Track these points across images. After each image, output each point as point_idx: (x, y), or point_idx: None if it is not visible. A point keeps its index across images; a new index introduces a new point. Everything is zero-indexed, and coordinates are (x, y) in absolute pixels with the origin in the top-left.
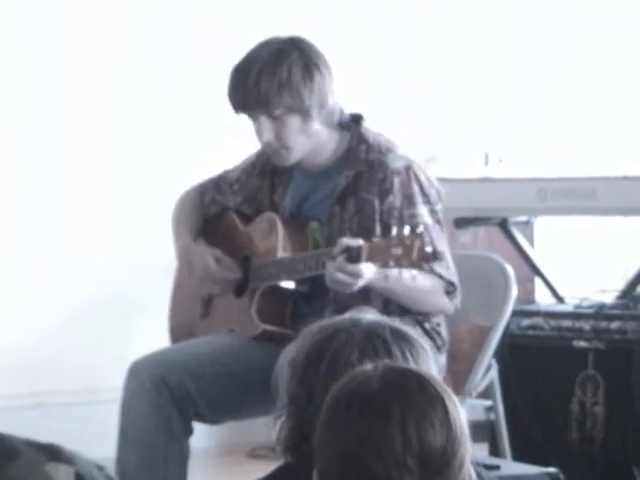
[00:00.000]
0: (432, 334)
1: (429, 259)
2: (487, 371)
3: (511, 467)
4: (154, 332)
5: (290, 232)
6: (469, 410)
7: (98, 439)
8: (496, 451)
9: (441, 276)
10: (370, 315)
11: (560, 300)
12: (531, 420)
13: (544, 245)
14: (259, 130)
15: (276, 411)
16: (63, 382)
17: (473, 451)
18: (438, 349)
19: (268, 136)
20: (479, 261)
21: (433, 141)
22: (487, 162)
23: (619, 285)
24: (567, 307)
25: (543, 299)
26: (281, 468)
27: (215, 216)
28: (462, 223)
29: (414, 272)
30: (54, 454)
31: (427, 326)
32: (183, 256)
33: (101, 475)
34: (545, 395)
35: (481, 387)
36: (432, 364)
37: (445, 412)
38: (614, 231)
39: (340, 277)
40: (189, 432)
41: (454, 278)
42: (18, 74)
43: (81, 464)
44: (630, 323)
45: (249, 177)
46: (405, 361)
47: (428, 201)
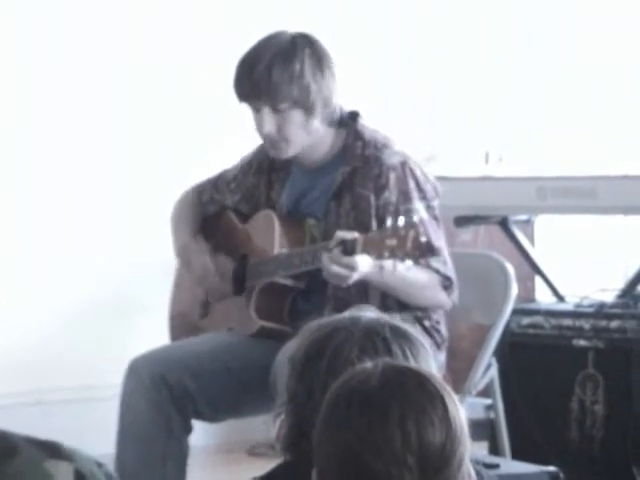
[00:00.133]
0: (431, 332)
1: (424, 250)
2: (487, 369)
3: (511, 466)
4: (154, 331)
5: (287, 229)
6: (469, 408)
7: (97, 436)
8: (496, 450)
9: (438, 271)
10: (370, 313)
11: (560, 299)
12: (531, 419)
13: (544, 244)
14: (260, 121)
15: (275, 409)
16: (63, 380)
17: (472, 449)
18: (438, 347)
19: (269, 128)
20: (479, 259)
21: (433, 140)
22: (487, 161)
23: (619, 284)
24: (567, 306)
25: (543, 298)
26: (280, 466)
27: (213, 215)
28: (462, 222)
29: (408, 263)
30: (54, 451)
31: (427, 324)
32: (182, 254)
33: (100, 472)
34: (545, 394)
35: (481, 385)
36: (432, 362)
37: (445, 410)
38: (614, 230)
39: (335, 269)
40: (188, 430)
41: (451, 273)
42: (18, 74)
43: (81, 461)
44: (630, 322)
45: (246, 175)
46: (405, 359)
47: (424, 197)
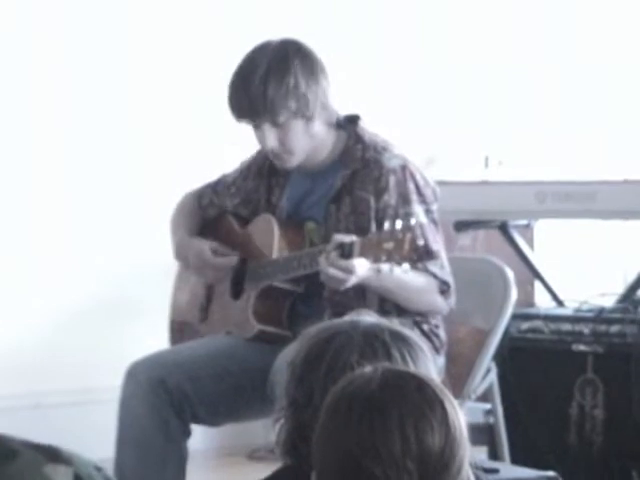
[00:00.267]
0: (430, 336)
1: (421, 253)
2: (486, 374)
3: (510, 470)
4: (153, 333)
5: (286, 233)
6: (468, 413)
7: (96, 440)
8: (495, 454)
9: (435, 275)
10: (369, 317)
11: (560, 303)
12: (530, 423)
13: (544, 248)
14: (262, 137)
15: (275, 413)
16: (61, 383)
17: (472, 454)
18: (436, 351)
19: (272, 143)
20: (478, 264)
21: (433, 143)
22: (487, 165)
23: (619, 289)
24: (567, 310)
25: (543, 302)
26: (280, 470)
27: (213, 219)
28: (462, 226)
29: (405, 266)
30: (52, 455)
31: (425, 327)
32: (179, 253)
33: (99, 476)
34: (544, 398)
35: (480, 390)
36: (431, 366)
37: (444, 415)
38: (614, 235)
39: (333, 272)
40: (187, 434)
41: (448, 277)
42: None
43: (79, 465)
44: (630, 327)
45: (246, 179)
46: (404, 363)
47: (424, 200)
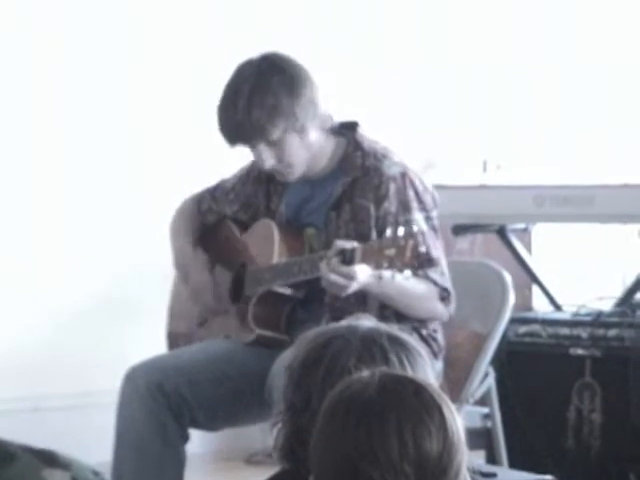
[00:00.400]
0: (429, 340)
1: (422, 260)
2: (484, 378)
3: (508, 474)
4: (151, 336)
5: (286, 238)
6: (466, 417)
7: (95, 443)
8: (493, 458)
9: (435, 282)
10: (367, 322)
11: (558, 307)
12: (528, 427)
13: (542, 252)
14: (259, 157)
15: (273, 417)
16: (60, 386)
17: (469, 458)
18: (435, 355)
19: (269, 162)
20: (476, 268)
21: (431, 148)
22: (485, 169)
23: (617, 293)
24: (565, 314)
25: (541, 306)
26: (278, 474)
27: (212, 225)
28: (460, 230)
29: (407, 273)
30: (50, 460)
31: (424, 332)
32: (180, 265)
33: None
34: (542, 402)
35: (478, 394)
36: (429, 371)
37: (442, 419)
38: (612, 239)
39: (334, 279)
40: (185, 438)
41: (448, 284)
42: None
43: (77, 469)
44: (627, 331)
45: (245, 185)
46: (402, 368)
47: (424, 208)
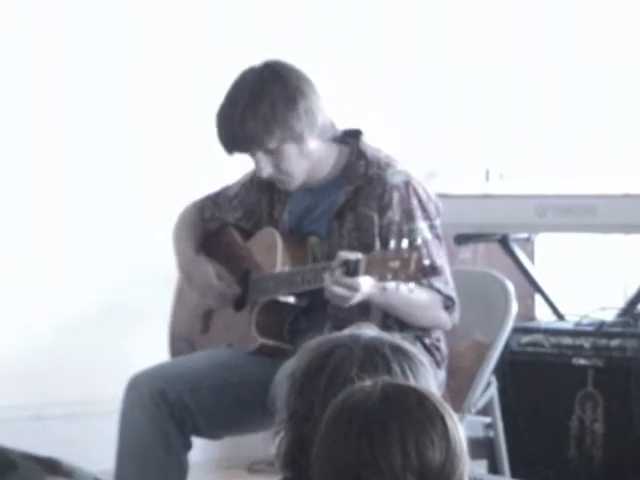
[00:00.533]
0: (431, 349)
1: (427, 272)
2: (486, 388)
3: None
4: (153, 343)
5: (289, 247)
6: (468, 427)
7: (97, 451)
8: (495, 468)
9: (439, 291)
10: (370, 331)
11: (560, 317)
12: (530, 437)
13: (545, 262)
14: (258, 166)
15: (275, 426)
16: (61, 394)
17: (472, 468)
18: (437, 365)
19: (267, 170)
20: (479, 277)
21: (434, 157)
22: (488, 178)
23: (619, 303)
24: (567, 324)
25: (543, 316)
26: None
27: (215, 232)
28: (463, 239)
29: (411, 285)
30: (53, 467)
31: (427, 341)
32: (184, 268)
33: None
34: (544, 412)
35: (480, 404)
36: (432, 380)
37: (445, 429)
38: (614, 249)
39: (338, 290)
40: (188, 447)
41: (452, 293)
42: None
43: (79, 477)
44: (630, 341)
45: (248, 192)
46: (404, 377)
47: (427, 216)
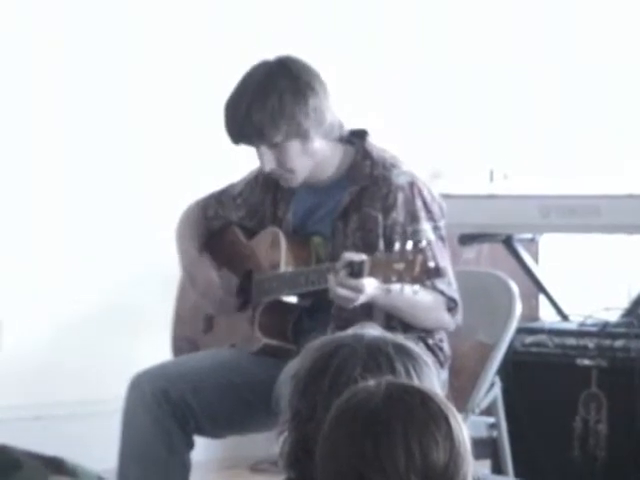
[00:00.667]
0: (435, 350)
1: (431, 274)
2: (490, 388)
3: None
4: (155, 343)
5: (293, 247)
6: (472, 427)
7: (99, 451)
8: (498, 468)
9: (443, 292)
10: (373, 331)
11: (564, 318)
12: (534, 438)
13: (549, 262)
14: (261, 160)
15: (278, 426)
16: (62, 394)
17: (475, 468)
18: (441, 365)
19: (270, 165)
20: (483, 278)
21: (438, 157)
22: (492, 178)
23: (623, 303)
24: (571, 325)
25: (547, 316)
26: None
27: (218, 230)
28: (467, 240)
29: (416, 287)
30: (56, 466)
31: (430, 342)
32: (187, 268)
33: None
34: (548, 413)
35: (484, 404)
36: (435, 380)
37: (449, 429)
38: (619, 249)
39: (342, 291)
40: (190, 446)
41: (456, 294)
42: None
43: (83, 476)
44: (634, 341)
45: (252, 191)
46: (408, 377)
47: (431, 217)
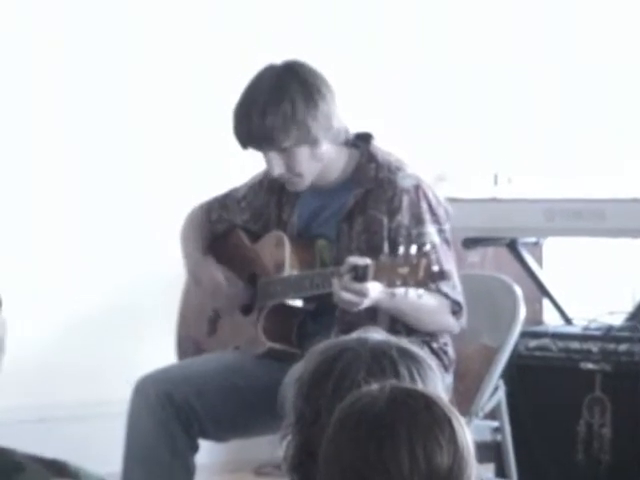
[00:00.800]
0: (439, 353)
1: (435, 278)
2: (494, 392)
3: None
4: (160, 345)
5: (298, 250)
6: (476, 431)
7: (103, 454)
8: (502, 472)
9: (447, 295)
10: (377, 334)
11: (568, 321)
12: (537, 441)
13: (553, 266)
14: (270, 164)
15: (282, 429)
16: (67, 396)
17: (479, 472)
18: (445, 369)
19: (278, 170)
20: (487, 281)
21: (442, 161)
22: (496, 182)
23: (628, 307)
24: (575, 328)
25: (551, 320)
26: None
27: (223, 234)
28: (471, 243)
29: (420, 291)
30: (59, 469)
31: (434, 345)
32: (192, 271)
33: None
34: (552, 416)
35: (488, 408)
36: (439, 383)
37: (452, 433)
38: (623, 253)
39: (346, 296)
40: (194, 449)
41: (460, 298)
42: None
43: (86, 479)
44: (638, 345)
45: (257, 194)
46: (412, 380)
47: (436, 220)
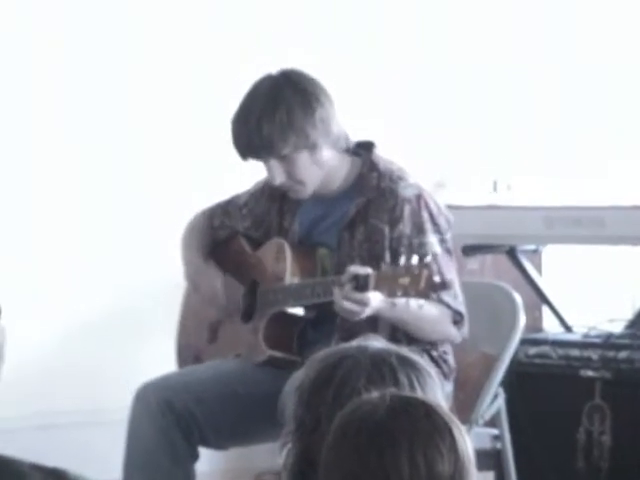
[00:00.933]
0: (439, 362)
1: (437, 289)
2: (494, 399)
3: None
4: (161, 351)
5: (298, 258)
6: (476, 439)
7: (103, 462)
8: None
9: (449, 305)
10: (377, 342)
11: (568, 329)
12: (537, 449)
13: (552, 273)
14: (270, 173)
15: (282, 437)
16: (67, 403)
17: None
18: (445, 377)
19: (280, 178)
20: (487, 289)
21: (442, 168)
22: (495, 189)
23: (627, 315)
24: (575, 336)
25: (551, 328)
26: None
27: (224, 240)
28: (470, 251)
29: (421, 301)
30: (59, 477)
31: (434, 354)
32: (191, 277)
33: None
34: (552, 424)
35: (488, 415)
36: (439, 391)
37: (453, 441)
38: (623, 260)
39: (347, 305)
40: (195, 457)
41: (462, 307)
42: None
43: None
44: (638, 353)
45: (258, 201)
46: (412, 388)
47: (438, 230)
